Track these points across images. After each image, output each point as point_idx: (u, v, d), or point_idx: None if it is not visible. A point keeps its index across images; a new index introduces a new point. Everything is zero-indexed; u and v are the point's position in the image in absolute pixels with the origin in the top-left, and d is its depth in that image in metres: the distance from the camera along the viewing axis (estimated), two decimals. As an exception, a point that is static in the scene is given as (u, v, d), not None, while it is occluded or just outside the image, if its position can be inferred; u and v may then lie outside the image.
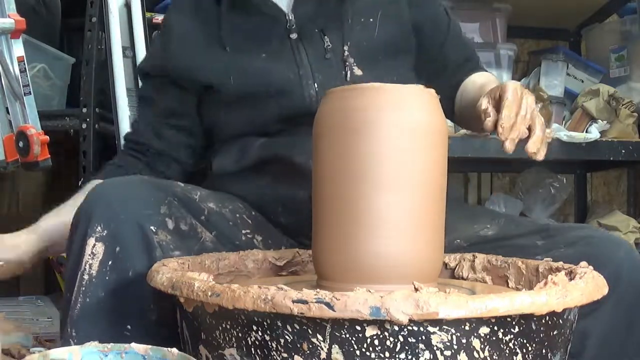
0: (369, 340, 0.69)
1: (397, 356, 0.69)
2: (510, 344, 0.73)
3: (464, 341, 0.70)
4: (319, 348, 0.70)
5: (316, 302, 0.68)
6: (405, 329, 0.69)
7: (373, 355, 0.69)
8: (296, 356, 0.71)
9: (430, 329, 0.69)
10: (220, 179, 1.24)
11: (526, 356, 0.74)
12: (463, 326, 0.70)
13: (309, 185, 0.93)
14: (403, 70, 1.25)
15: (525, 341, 0.74)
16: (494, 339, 0.71)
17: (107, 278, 0.96)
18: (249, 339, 0.74)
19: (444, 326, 0.69)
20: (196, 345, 0.81)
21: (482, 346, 0.71)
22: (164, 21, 1.36)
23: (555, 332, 0.77)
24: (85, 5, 1.82)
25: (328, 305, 0.67)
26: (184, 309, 0.81)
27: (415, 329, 0.69)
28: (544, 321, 0.75)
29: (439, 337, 0.70)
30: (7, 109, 1.30)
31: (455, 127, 1.88)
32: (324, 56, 1.20)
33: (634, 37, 2.36)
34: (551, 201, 2.49)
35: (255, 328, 0.73)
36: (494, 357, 0.72)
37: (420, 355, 0.69)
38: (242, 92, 1.20)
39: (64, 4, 2.05)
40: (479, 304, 0.68)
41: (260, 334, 0.73)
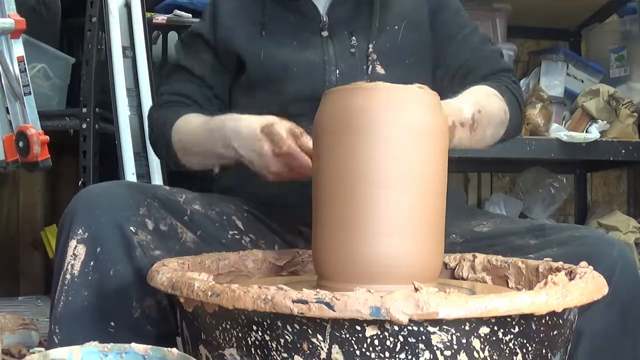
0: (369, 340, 0.69)
1: (397, 356, 0.69)
2: (510, 344, 0.73)
3: (464, 341, 0.70)
4: (319, 348, 0.70)
5: (316, 302, 0.68)
6: (405, 329, 0.69)
7: (373, 355, 0.69)
8: (296, 356, 0.71)
9: (430, 329, 0.69)
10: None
11: (526, 356, 0.74)
12: (463, 326, 0.70)
13: None
14: (422, 76, 1.28)
15: (525, 341, 0.74)
16: (494, 339, 0.71)
17: (89, 278, 0.99)
18: (249, 339, 0.74)
19: (444, 326, 0.69)
20: (196, 345, 0.81)
21: (482, 346, 0.71)
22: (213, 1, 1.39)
23: (555, 332, 0.77)
24: (85, 5, 1.82)
25: (328, 305, 0.67)
26: (184, 309, 0.81)
27: (415, 329, 0.69)
28: (544, 321, 0.75)
29: (439, 337, 0.70)
30: (7, 109, 1.29)
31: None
32: (349, 50, 1.27)
33: (634, 37, 2.36)
34: (551, 201, 2.49)
35: (255, 328, 0.73)
36: (494, 357, 0.72)
37: (420, 355, 0.69)
38: (269, 70, 1.26)
39: (64, 4, 2.05)
40: (479, 304, 0.68)
41: (260, 334, 0.73)
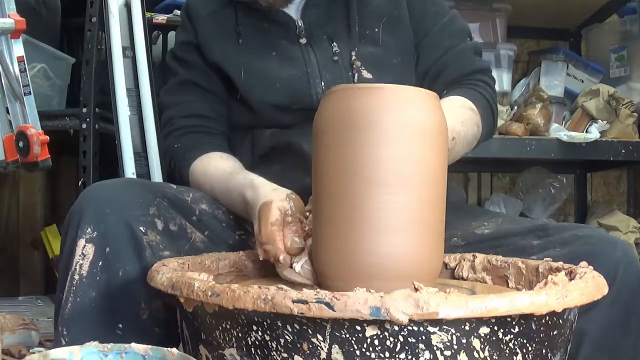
0: (369, 340, 0.69)
1: (397, 356, 0.69)
2: (510, 344, 0.73)
3: (464, 341, 0.70)
4: (319, 348, 0.70)
5: (316, 302, 0.68)
6: (405, 329, 0.69)
7: (373, 355, 0.69)
8: (296, 356, 0.71)
9: (430, 329, 0.69)
10: None
11: (526, 356, 0.74)
12: (463, 326, 0.70)
13: None
14: (410, 73, 1.26)
15: (525, 341, 0.74)
16: (494, 339, 0.71)
17: (97, 278, 0.97)
18: (249, 339, 0.74)
19: (444, 326, 0.69)
20: (196, 345, 0.81)
21: (482, 346, 0.71)
22: (184, 9, 1.36)
23: (555, 332, 0.77)
24: (85, 5, 1.82)
25: (328, 305, 0.67)
26: (184, 309, 0.81)
27: (415, 329, 0.69)
28: (544, 321, 0.75)
29: (439, 337, 0.69)
30: (7, 109, 1.29)
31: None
32: (332, 58, 1.23)
33: (634, 37, 2.36)
34: (551, 201, 2.49)
35: (255, 328, 0.73)
36: (494, 357, 0.72)
37: (420, 355, 0.69)
38: (252, 87, 1.23)
39: (64, 4, 2.04)
40: (479, 304, 0.68)
41: (260, 334, 0.73)
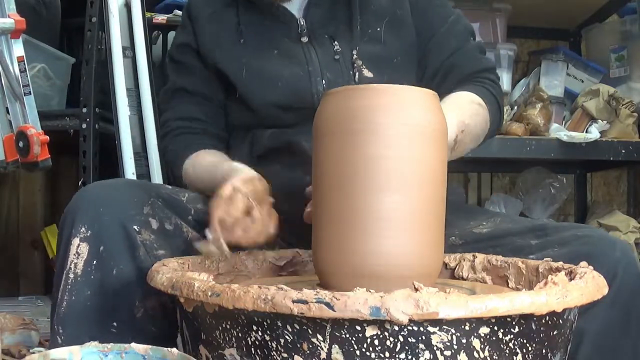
0: (369, 340, 0.69)
1: (397, 356, 0.69)
2: (510, 344, 0.73)
3: (464, 341, 0.70)
4: (319, 348, 0.70)
5: (316, 302, 0.67)
6: (405, 329, 0.69)
7: (373, 355, 0.69)
8: (296, 356, 0.71)
9: (430, 329, 0.69)
10: None
11: (526, 356, 0.74)
12: (463, 326, 0.70)
13: None
14: (411, 74, 1.26)
15: (525, 341, 0.74)
16: (494, 339, 0.71)
17: (92, 277, 0.98)
18: (249, 339, 0.74)
19: (444, 326, 0.69)
20: (196, 345, 0.81)
21: (482, 346, 0.71)
22: (186, 8, 1.36)
23: (555, 332, 0.77)
24: (85, 5, 1.82)
25: (328, 305, 0.67)
26: (184, 309, 0.81)
27: (415, 329, 0.69)
28: (544, 321, 0.75)
29: (439, 337, 0.69)
30: (7, 109, 1.29)
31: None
32: (333, 57, 1.23)
33: (634, 37, 2.36)
34: (551, 201, 2.49)
35: (255, 328, 0.73)
36: (494, 357, 0.72)
37: (420, 355, 0.69)
38: (253, 86, 1.23)
39: (64, 4, 2.05)
40: (479, 304, 0.68)
41: (260, 334, 0.73)
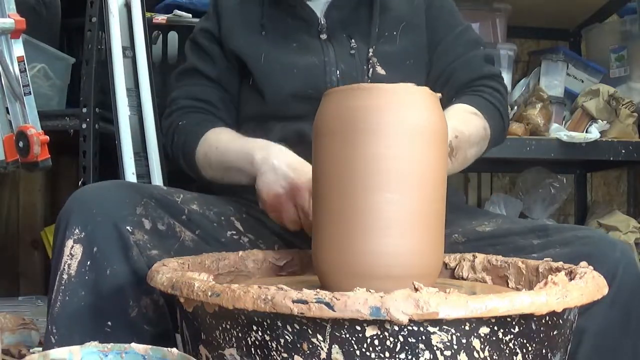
0: (369, 340, 0.69)
1: (397, 356, 0.69)
2: (510, 344, 0.73)
3: (464, 341, 0.70)
4: (319, 348, 0.70)
5: (316, 302, 0.67)
6: (405, 329, 0.69)
7: (373, 355, 0.69)
8: (296, 356, 0.71)
9: (430, 329, 0.69)
10: None
11: (526, 356, 0.74)
12: (463, 326, 0.70)
13: None
14: (422, 77, 1.30)
15: (525, 341, 0.74)
16: (494, 339, 0.71)
17: (86, 278, 0.99)
18: (249, 339, 0.74)
19: (444, 326, 0.69)
20: (196, 345, 0.81)
21: (482, 346, 0.71)
22: None
23: (555, 332, 0.77)
24: (85, 5, 1.82)
25: (328, 305, 0.67)
26: (184, 309, 0.81)
27: (415, 329, 0.69)
28: (544, 321, 0.75)
29: (439, 337, 0.69)
30: (7, 109, 1.29)
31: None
32: (349, 52, 1.28)
33: (634, 37, 2.36)
34: (551, 201, 2.49)
35: (255, 328, 0.73)
36: (494, 357, 0.72)
37: (420, 355, 0.69)
38: (269, 71, 1.27)
39: (64, 4, 2.04)
40: (479, 304, 0.68)
41: (260, 334, 0.73)
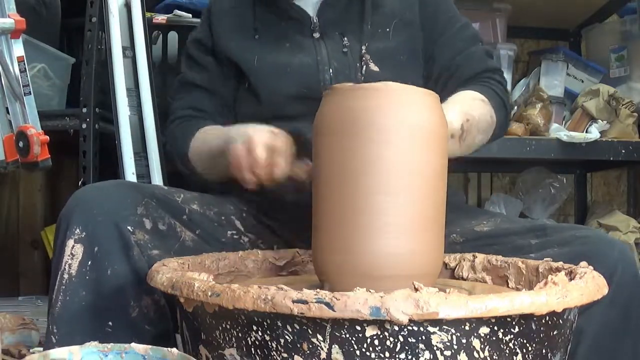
0: (369, 340, 0.69)
1: (397, 356, 0.69)
2: (510, 344, 0.73)
3: (464, 341, 0.70)
4: (319, 348, 0.70)
5: (316, 302, 0.68)
6: (405, 329, 0.69)
7: (373, 355, 0.69)
8: (296, 356, 0.71)
9: (430, 329, 0.69)
10: None
11: (526, 356, 0.74)
12: (463, 326, 0.70)
13: None
14: (416, 73, 1.29)
15: (525, 341, 0.74)
16: (494, 339, 0.71)
17: (87, 277, 0.99)
18: (249, 339, 0.74)
19: (444, 326, 0.69)
20: (196, 345, 0.81)
21: (482, 346, 0.71)
22: (209, 4, 1.42)
23: (555, 332, 0.77)
24: (85, 5, 1.82)
25: (328, 305, 0.67)
26: (184, 309, 0.81)
27: (415, 329, 0.69)
28: (544, 321, 0.75)
29: (439, 337, 0.69)
30: (7, 109, 1.29)
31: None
32: (342, 50, 1.28)
33: (634, 37, 2.36)
34: (551, 201, 2.48)
35: (255, 328, 0.73)
36: (494, 357, 0.72)
37: (420, 355, 0.69)
38: (263, 73, 1.27)
39: (64, 4, 2.04)
40: (479, 304, 0.68)
41: (260, 334, 0.73)
